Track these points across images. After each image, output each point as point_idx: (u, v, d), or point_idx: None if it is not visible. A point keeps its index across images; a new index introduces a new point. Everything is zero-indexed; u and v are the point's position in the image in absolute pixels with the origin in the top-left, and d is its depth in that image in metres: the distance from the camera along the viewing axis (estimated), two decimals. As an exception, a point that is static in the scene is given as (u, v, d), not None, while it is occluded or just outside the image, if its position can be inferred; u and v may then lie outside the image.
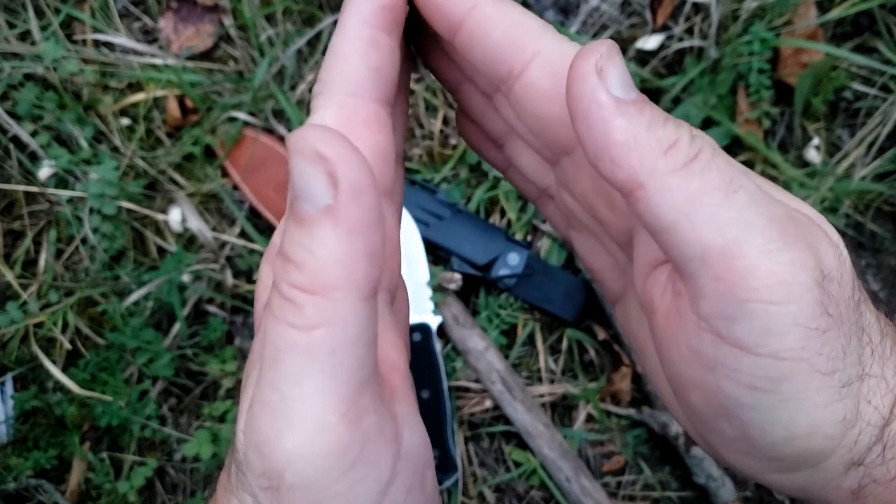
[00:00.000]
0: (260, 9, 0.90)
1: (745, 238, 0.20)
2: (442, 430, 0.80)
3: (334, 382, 0.19)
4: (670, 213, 0.21)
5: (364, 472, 0.20)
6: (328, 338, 0.19)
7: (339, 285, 0.19)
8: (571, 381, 0.84)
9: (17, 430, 0.80)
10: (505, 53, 0.24)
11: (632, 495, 0.82)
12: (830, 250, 0.22)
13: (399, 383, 0.24)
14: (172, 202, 0.88)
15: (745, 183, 0.21)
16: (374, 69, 0.24)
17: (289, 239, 0.19)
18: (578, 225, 0.30)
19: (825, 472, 0.23)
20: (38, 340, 0.83)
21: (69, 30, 0.91)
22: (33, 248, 0.87)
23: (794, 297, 0.20)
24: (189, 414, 0.84)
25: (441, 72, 0.29)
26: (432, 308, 0.83)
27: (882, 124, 0.86)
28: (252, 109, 0.88)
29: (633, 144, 0.21)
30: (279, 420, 0.19)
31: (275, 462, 0.19)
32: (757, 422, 0.22)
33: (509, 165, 0.31)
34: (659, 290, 0.25)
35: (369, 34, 0.24)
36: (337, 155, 0.18)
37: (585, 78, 0.21)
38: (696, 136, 0.21)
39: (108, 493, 0.79)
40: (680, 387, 0.24)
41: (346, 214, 0.18)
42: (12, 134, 0.87)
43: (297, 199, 0.19)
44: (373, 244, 0.19)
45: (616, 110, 0.21)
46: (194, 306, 0.86)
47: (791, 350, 0.21)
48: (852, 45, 0.89)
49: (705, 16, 0.89)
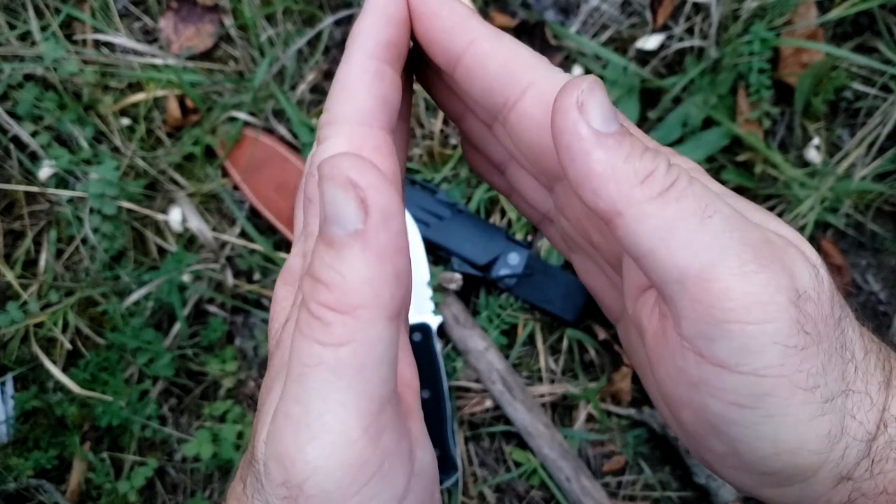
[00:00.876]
0: (260, 9, 0.90)
1: (720, 261, 0.21)
2: (442, 430, 0.80)
3: (358, 399, 0.20)
4: (648, 240, 0.22)
5: (380, 488, 0.21)
6: (354, 355, 0.20)
7: (367, 305, 0.20)
8: (572, 381, 0.84)
9: (18, 430, 0.80)
10: (501, 85, 0.26)
11: (632, 495, 0.82)
12: (806, 270, 0.23)
13: (412, 402, 0.25)
14: (173, 202, 0.88)
15: (720, 208, 0.22)
16: (381, 99, 0.25)
17: (318, 260, 0.20)
18: (576, 248, 0.31)
19: (815, 486, 0.24)
20: (39, 340, 0.83)
21: (69, 30, 0.91)
22: (33, 248, 0.87)
23: (771, 317, 0.21)
24: (189, 414, 0.84)
25: (444, 103, 0.31)
26: (432, 308, 0.83)
27: (882, 124, 0.86)
28: (252, 109, 0.88)
29: (611, 175, 0.22)
30: (302, 432, 0.20)
31: (295, 473, 0.20)
32: (744, 438, 0.23)
33: (512, 190, 0.32)
34: (647, 312, 0.26)
35: (375, 67, 0.25)
36: (368, 182, 0.19)
37: (567, 112, 0.22)
38: (674, 165, 0.23)
39: (109, 493, 0.79)
40: (671, 405, 0.25)
41: (375, 239, 0.19)
42: (12, 134, 0.87)
43: (327, 223, 0.20)
44: (399, 267, 0.20)
45: (595, 143, 0.22)
46: (194, 306, 0.86)
47: (771, 367, 0.21)
48: (852, 45, 0.89)
49: (705, 16, 0.88)
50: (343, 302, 0.20)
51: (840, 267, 0.86)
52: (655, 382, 0.26)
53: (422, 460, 0.23)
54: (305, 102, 0.90)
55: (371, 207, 0.19)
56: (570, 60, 0.90)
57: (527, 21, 0.90)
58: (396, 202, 0.20)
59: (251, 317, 0.86)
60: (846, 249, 0.87)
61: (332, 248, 0.20)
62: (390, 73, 0.25)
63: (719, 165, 0.87)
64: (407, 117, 0.30)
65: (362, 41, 0.25)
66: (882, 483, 0.23)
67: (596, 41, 0.90)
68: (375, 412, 0.20)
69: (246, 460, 0.23)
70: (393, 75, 0.25)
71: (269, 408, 0.22)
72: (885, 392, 0.24)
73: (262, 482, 0.21)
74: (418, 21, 0.26)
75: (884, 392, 0.24)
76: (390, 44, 0.25)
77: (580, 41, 0.89)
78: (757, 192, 0.86)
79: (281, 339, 0.24)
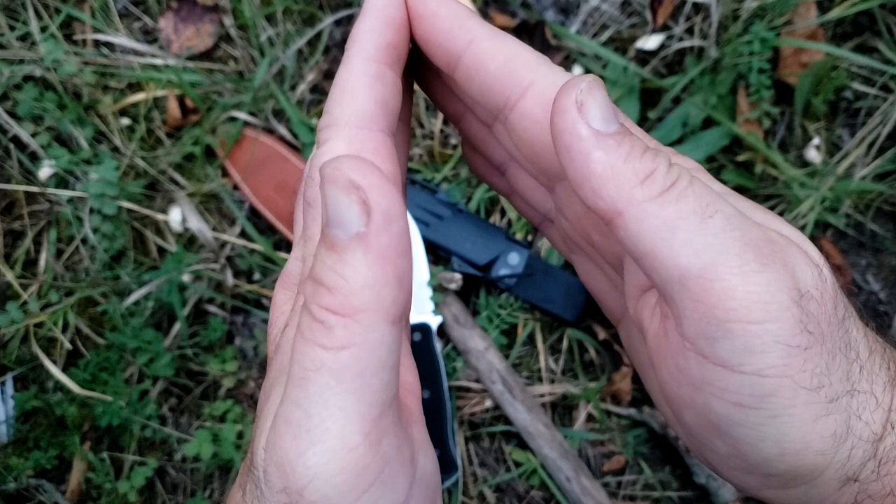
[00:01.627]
0: (260, 9, 0.90)
1: (722, 261, 0.21)
2: (442, 430, 0.80)
3: (359, 403, 0.20)
4: (648, 240, 0.22)
5: (381, 494, 0.21)
6: (356, 359, 0.20)
7: (369, 309, 0.19)
8: (572, 381, 0.84)
9: (18, 430, 0.80)
10: (501, 85, 0.26)
11: (632, 495, 0.82)
12: (809, 270, 0.22)
13: (414, 406, 0.25)
14: (172, 202, 0.88)
15: (721, 207, 0.22)
16: (381, 102, 0.25)
17: (320, 263, 0.20)
18: (577, 249, 0.31)
19: (820, 487, 0.23)
20: (39, 340, 0.83)
21: (69, 30, 0.91)
22: (33, 248, 0.87)
23: (773, 316, 0.21)
24: (189, 414, 0.84)
25: (444, 104, 0.31)
26: (432, 308, 0.83)
27: (882, 124, 0.86)
28: (252, 109, 0.88)
29: (611, 175, 0.22)
30: (303, 438, 0.20)
31: (296, 479, 0.20)
32: (748, 438, 0.22)
33: (512, 191, 0.32)
34: (648, 312, 0.26)
35: (375, 69, 0.25)
36: (370, 184, 0.19)
37: (567, 111, 0.22)
38: (675, 165, 0.22)
39: (109, 493, 0.79)
40: (674, 406, 0.25)
41: (378, 241, 0.19)
42: (12, 134, 0.87)
43: (329, 226, 0.19)
44: (402, 270, 0.20)
45: (595, 143, 0.22)
46: (194, 306, 0.86)
47: (774, 367, 0.21)
48: (852, 44, 0.89)
49: (705, 15, 0.88)
50: (345, 305, 0.19)
51: (840, 267, 0.86)
52: (657, 383, 0.26)
53: (424, 466, 0.23)
54: (305, 102, 0.90)
55: (373, 209, 0.19)
56: (570, 60, 0.90)
57: (527, 21, 0.90)
58: (399, 204, 0.20)
59: (251, 317, 0.86)
60: (846, 249, 0.87)
61: (333, 250, 0.19)
62: (390, 76, 0.25)
63: (719, 165, 0.87)
64: (407, 120, 0.30)
65: (362, 44, 0.25)
66: (889, 485, 0.23)
67: (596, 41, 0.90)
68: (376, 417, 0.20)
69: (245, 467, 0.23)
70: (393, 77, 0.25)
71: (268, 413, 0.22)
72: (890, 392, 0.24)
73: (262, 489, 0.21)
74: (417, 22, 0.26)
75: (889, 392, 0.24)
76: (390, 46, 0.25)
77: (580, 41, 0.89)
78: (757, 192, 0.86)
79: (280, 344, 0.23)
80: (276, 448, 0.20)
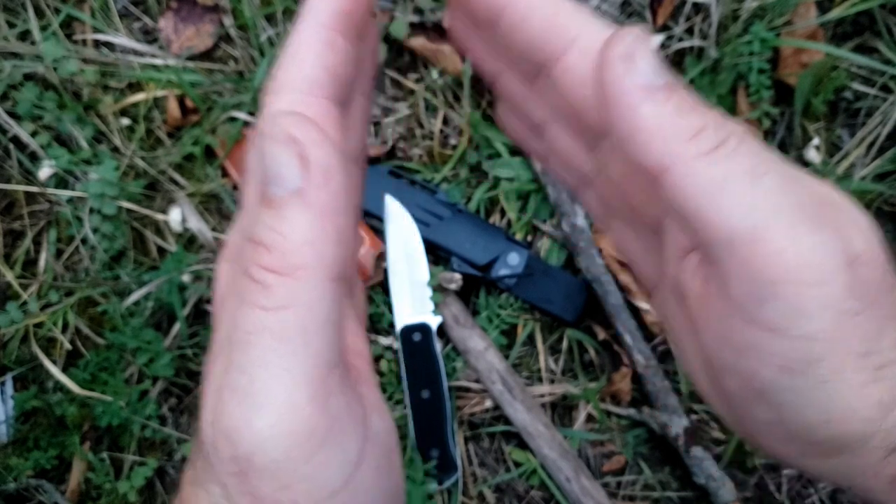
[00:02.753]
0: (260, 9, 0.90)
1: (772, 222, 0.21)
2: (442, 430, 0.80)
3: (303, 364, 0.20)
4: (696, 198, 0.21)
5: (332, 454, 0.20)
6: (297, 318, 0.19)
7: (309, 266, 0.19)
8: (571, 381, 0.84)
9: (18, 430, 0.80)
10: (545, 38, 0.25)
11: (632, 495, 0.82)
12: (860, 235, 0.22)
13: (364, 368, 0.24)
14: (172, 202, 0.88)
15: (772, 168, 0.21)
16: (329, 69, 0.24)
17: (258, 222, 0.20)
18: (614, 212, 0.30)
19: (864, 457, 0.23)
20: (39, 340, 0.83)
21: (69, 30, 0.91)
22: (33, 248, 0.87)
23: (824, 280, 0.21)
24: (189, 414, 0.84)
25: (481, 62, 0.30)
26: (432, 308, 0.83)
27: (882, 124, 0.86)
28: (252, 109, 0.88)
29: (659, 129, 0.21)
30: (248, 403, 0.20)
31: (243, 446, 0.20)
32: (792, 404, 0.22)
33: (550, 153, 0.31)
34: (690, 275, 0.25)
35: (326, 36, 0.24)
36: (309, 138, 0.19)
37: (614, 64, 0.21)
38: (725, 123, 0.22)
39: (109, 493, 0.79)
40: (715, 372, 0.24)
41: (317, 197, 0.19)
42: (12, 134, 0.87)
43: (267, 183, 0.19)
44: (341, 227, 0.20)
45: (644, 96, 0.21)
46: (194, 306, 0.86)
47: (824, 332, 0.21)
48: (852, 45, 0.89)
49: (705, 16, 0.89)
50: (284, 263, 0.19)
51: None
52: (697, 348, 0.25)
53: (377, 425, 0.23)
54: (305, 102, 0.90)
55: (312, 164, 0.19)
56: (570, 60, 0.90)
57: (527, 21, 0.90)
58: (337, 160, 0.19)
59: (251, 317, 0.86)
60: (846, 249, 0.87)
61: (271, 207, 0.19)
62: (341, 43, 0.24)
63: (719, 165, 0.87)
64: (368, 93, 0.29)
65: (314, 9, 0.24)
66: None
67: (596, 41, 0.90)
68: (322, 378, 0.20)
69: (196, 445, 0.22)
70: (345, 45, 0.24)
71: (212, 386, 0.21)
72: None
73: (212, 462, 0.20)
74: None
75: None
76: (343, 13, 0.24)
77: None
78: (757, 193, 0.86)
79: (219, 315, 0.23)
80: (222, 417, 0.20)
